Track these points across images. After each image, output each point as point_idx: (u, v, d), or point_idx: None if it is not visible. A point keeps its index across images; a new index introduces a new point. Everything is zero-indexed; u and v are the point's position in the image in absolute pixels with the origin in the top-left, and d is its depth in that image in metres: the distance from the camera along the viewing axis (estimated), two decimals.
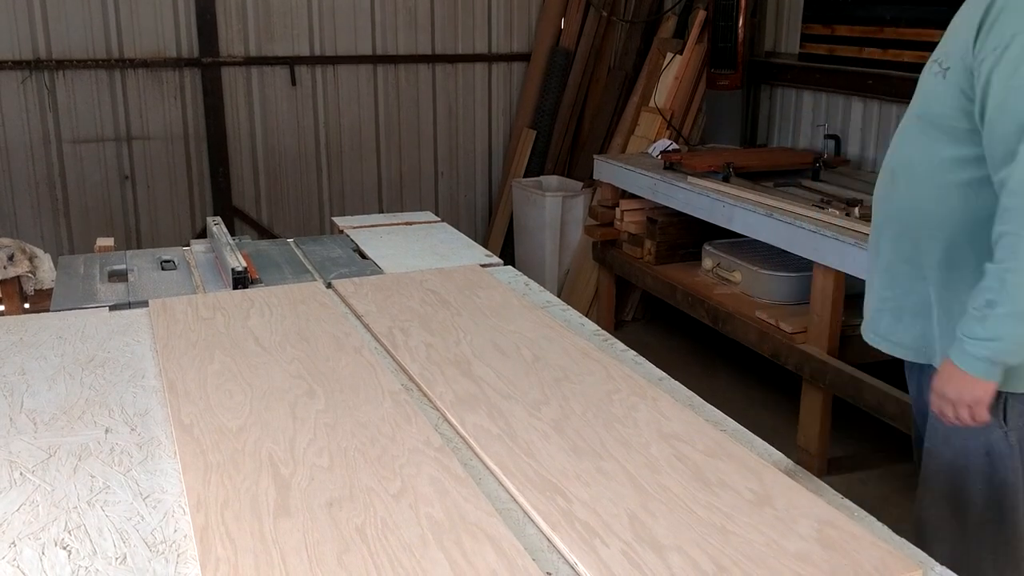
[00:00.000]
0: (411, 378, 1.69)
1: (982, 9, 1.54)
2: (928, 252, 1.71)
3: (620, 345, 1.92)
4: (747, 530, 1.19)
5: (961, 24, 1.62)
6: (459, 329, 1.90)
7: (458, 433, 1.48)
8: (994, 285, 1.53)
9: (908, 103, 1.81)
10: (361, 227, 2.82)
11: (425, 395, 1.62)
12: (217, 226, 2.53)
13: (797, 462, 1.44)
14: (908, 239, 1.74)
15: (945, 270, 1.69)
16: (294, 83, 5.04)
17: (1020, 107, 1.49)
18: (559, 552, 1.17)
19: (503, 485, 1.32)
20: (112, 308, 2.07)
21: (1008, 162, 1.50)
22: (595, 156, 4.50)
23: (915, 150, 1.71)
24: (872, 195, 1.94)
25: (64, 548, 1.16)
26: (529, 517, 1.24)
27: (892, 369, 2.21)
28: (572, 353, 1.78)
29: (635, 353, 1.88)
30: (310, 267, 2.42)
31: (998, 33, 1.51)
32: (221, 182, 5.01)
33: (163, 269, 2.40)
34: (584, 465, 1.35)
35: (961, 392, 1.60)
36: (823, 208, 3.17)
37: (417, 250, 2.58)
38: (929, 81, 1.70)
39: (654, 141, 4.49)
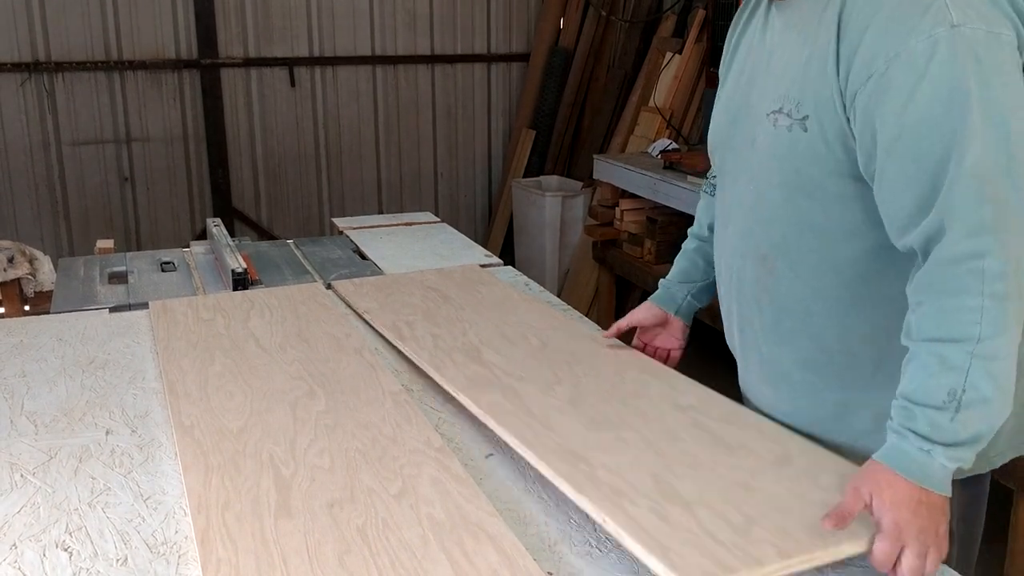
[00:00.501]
0: (416, 369, 1.69)
1: (831, 30, 1.20)
2: (838, 349, 1.34)
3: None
4: (771, 485, 1.22)
5: (802, 53, 1.26)
6: (464, 321, 1.90)
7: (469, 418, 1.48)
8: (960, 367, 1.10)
9: None
10: (361, 228, 2.82)
11: (435, 380, 1.63)
12: (217, 227, 2.53)
13: None
14: (806, 336, 1.36)
15: (877, 369, 1.32)
16: (293, 84, 5.04)
17: (925, 148, 1.12)
18: (585, 514, 1.17)
19: (520, 460, 1.32)
20: (112, 310, 2.07)
21: (923, 217, 1.14)
22: (595, 156, 4.49)
23: (789, 227, 1.33)
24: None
25: (65, 550, 1.16)
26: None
27: None
28: (579, 339, 1.79)
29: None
30: (310, 268, 2.42)
31: (868, 55, 1.16)
32: (221, 183, 5.01)
33: (163, 271, 2.40)
34: (604, 436, 1.36)
35: (937, 521, 1.10)
36: None
37: (417, 251, 2.58)
38: (781, 140, 1.29)
39: (654, 140, 4.49)
